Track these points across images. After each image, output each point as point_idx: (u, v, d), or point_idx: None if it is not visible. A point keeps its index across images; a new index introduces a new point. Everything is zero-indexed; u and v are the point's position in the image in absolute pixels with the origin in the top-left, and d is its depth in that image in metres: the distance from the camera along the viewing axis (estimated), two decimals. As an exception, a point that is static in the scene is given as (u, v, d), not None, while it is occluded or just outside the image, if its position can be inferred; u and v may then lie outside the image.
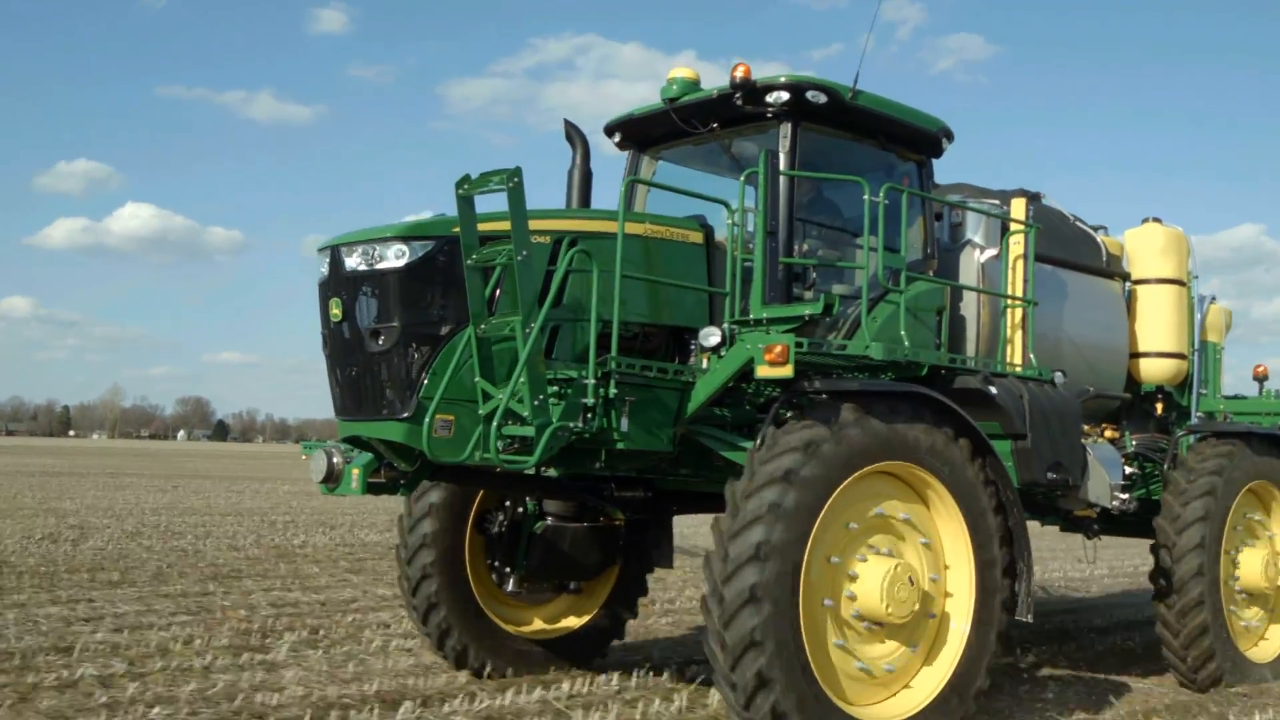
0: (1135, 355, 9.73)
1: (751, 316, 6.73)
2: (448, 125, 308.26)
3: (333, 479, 6.49)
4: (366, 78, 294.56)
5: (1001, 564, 6.69)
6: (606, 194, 8.56)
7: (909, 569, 6.29)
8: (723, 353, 6.51)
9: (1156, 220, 10.03)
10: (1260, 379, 10.86)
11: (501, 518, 8.01)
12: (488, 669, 7.93)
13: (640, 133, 8.20)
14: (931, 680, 6.49)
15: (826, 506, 5.94)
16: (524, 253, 5.80)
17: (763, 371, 6.07)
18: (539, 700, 7.24)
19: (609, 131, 8.33)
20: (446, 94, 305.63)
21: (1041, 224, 9.16)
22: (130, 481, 34.38)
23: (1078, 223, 9.80)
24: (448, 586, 7.79)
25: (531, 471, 7.30)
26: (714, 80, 7.61)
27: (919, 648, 6.51)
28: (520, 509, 8.04)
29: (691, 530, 15.71)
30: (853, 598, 6.18)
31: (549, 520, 7.88)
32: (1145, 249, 9.87)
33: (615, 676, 8.05)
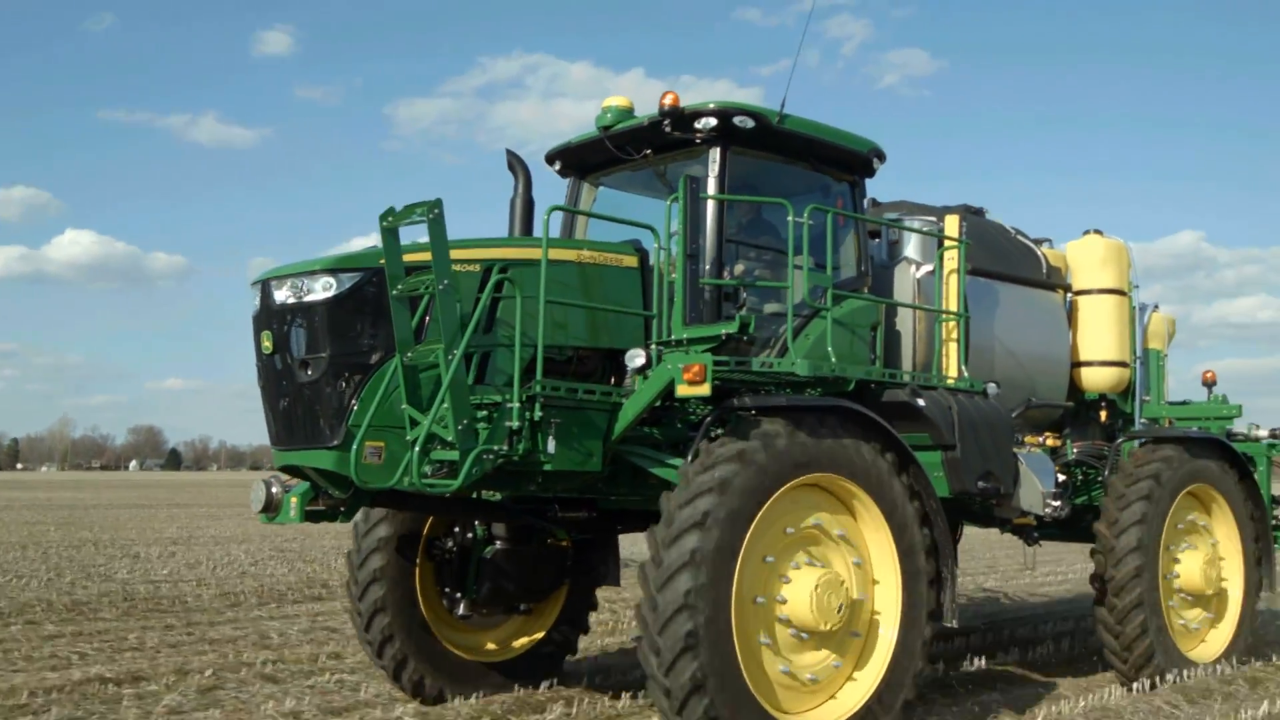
0: (1078, 364, 9.92)
1: (673, 337, 6.89)
2: (397, 145, 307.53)
3: (272, 508, 6.63)
4: (313, 99, 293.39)
5: (927, 574, 6.86)
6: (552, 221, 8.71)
7: (838, 578, 6.46)
8: (648, 374, 6.68)
9: (1097, 232, 10.24)
10: (1208, 384, 11.04)
11: (450, 544, 8.12)
12: (445, 694, 8.05)
13: (579, 160, 8.39)
14: (859, 689, 6.67)
15: (758, 516, 6.13)
16: (445, 282, 5.97)
17: (682, 390, 6.25)
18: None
19: (549, 160, 8.52)
20: (395, 114, 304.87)
21: (981, 239, 9.39)
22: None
23: (1019, 236, 10.00)
24: (400, 618, 7.88)
25: (471, 494, 7.50)
26: (655, 103, 7.78)
27: (847, 657, 6.67)
28: (469, 534, 8.16)
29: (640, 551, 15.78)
30: (784, 601, 6.35)
31: (497, 544, 8.00)
32: (1086, 260, 10.07)
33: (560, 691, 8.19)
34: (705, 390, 6.18)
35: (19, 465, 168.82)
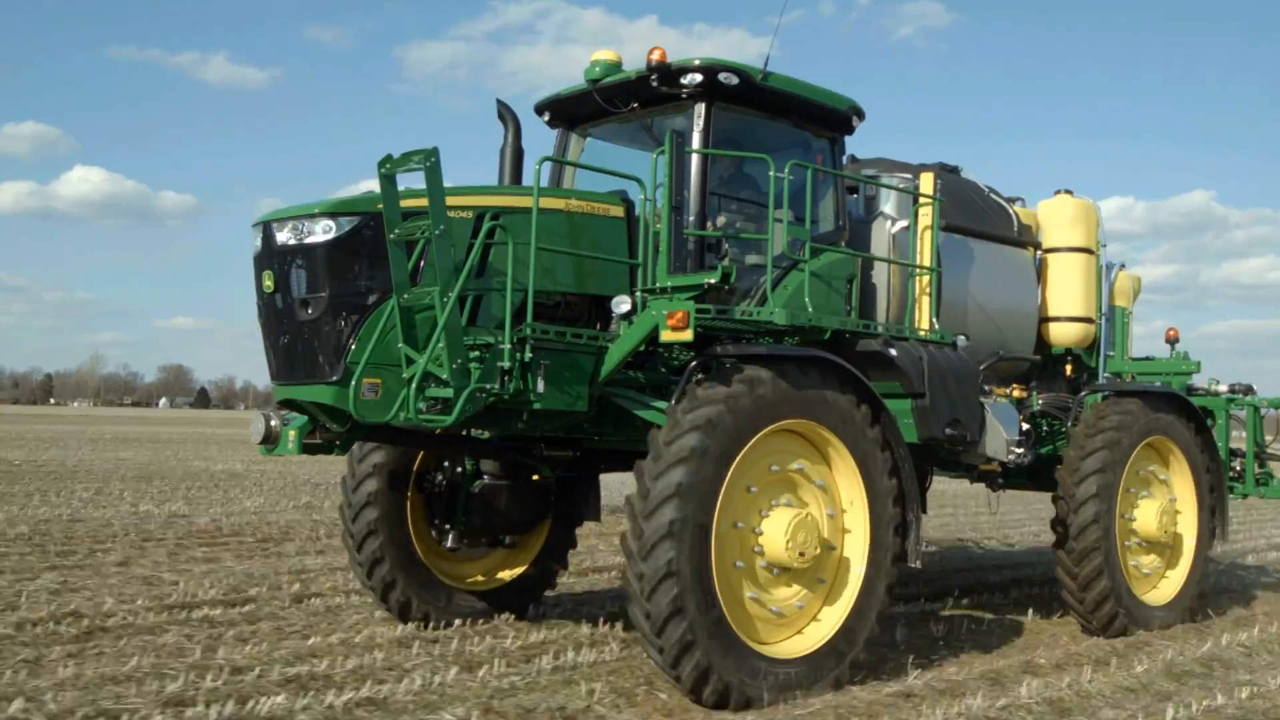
0: (1046, 320, 10.29)
1: (657, 285, 7.19)
2: (406, 89, 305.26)
3: (270, 440, 6.96)
4: (323, 40, 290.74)
5: (894, 520, 7.24)
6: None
7: (812, 521, 6.83)
8: (633, 319, 6.99)
9: (1068, 192, 10.56)
10: (1171, 342, 11.43)
11: (440, 478, 8.47)
12: (431, 618, 8.43)
13: (568, 112, 8.63)
14: (824, 627, 7.05)
15: (740, 455, 6.49)
16: (441, 227, 6.25)
17: (666, 335, 6.57)
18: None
19: (539, 111, 8.75)
20: (405, 57, 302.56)
21: (956, 196, 9.71)
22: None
23: (992, 194, 10.32)
24: (391, 543, 8.27)
25: (462, 432, 7.83)
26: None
27: (812, 597, 7.05)
28: (458, 469, 8.50)
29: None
30: (760, 534, 6.72)
31: (485, 479, 8.35)
32: (1056, 219, 10.41)
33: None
34: (688, 336, 6.50)
35: (51, 400, 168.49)
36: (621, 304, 6.99)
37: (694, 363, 6.91)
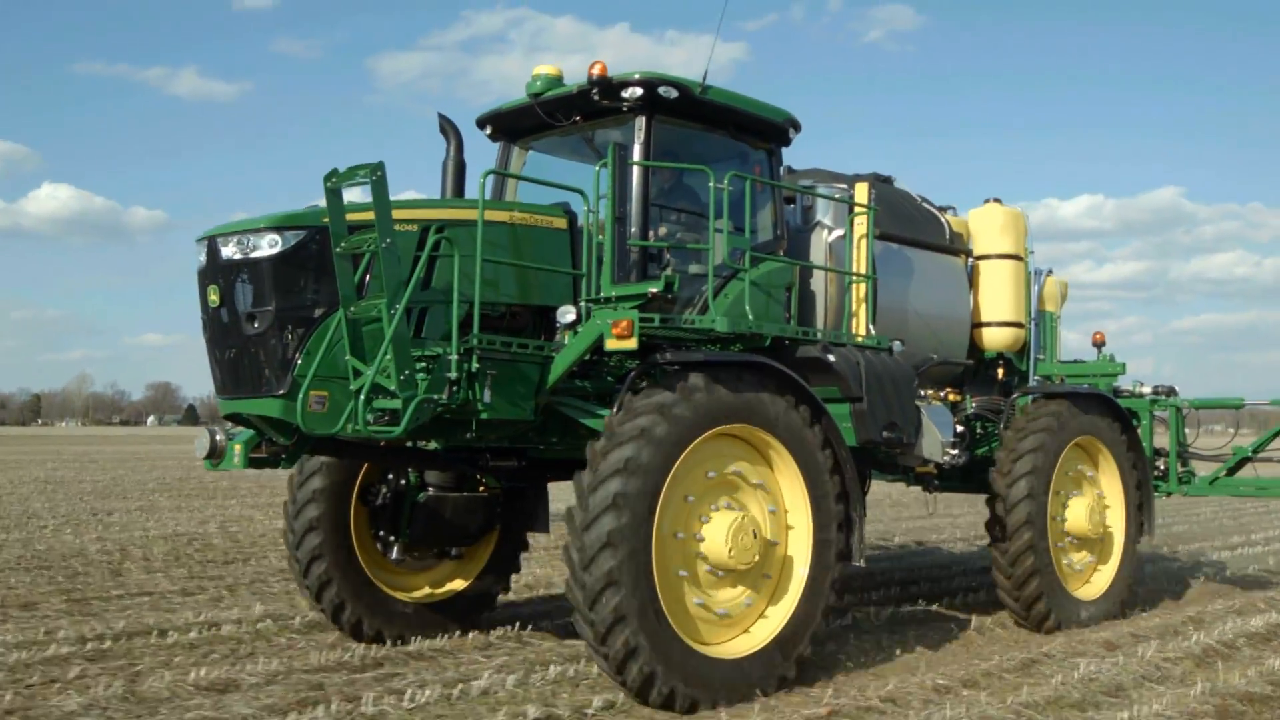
0: (978, 325, 10.59)
1: (601, 295, 7.32)
2: (378, 99, 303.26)
3: (216, 455, 6.96)
4: (294, 52, 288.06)
5: (837, 518, 7.42)
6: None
7: (753, 522, 6.98)
8: (578, 329, 7.10)
9: (997, 200, 10.88)
10: (1098, 345, 11.81)
11: (384, 490, 8.50)
12: (383, 635, 8.43)
13: (509, 125, 8.73)
14: (770, 625, 7.20)
15: (678, 463, 6.61)
16: (387, 240, 6.31)
17: (611, 344, 6.70)
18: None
19: (480, 124, 8.84)
20: (376, 68, 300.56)
21: (890, 206, 9.97)
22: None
23: (924, 204, 10.60)
24: (336, 564, 8.25)
25: (407, 443, 7.88)
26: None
27: (759, 595, 7.21)
28: (402, 481, 8.53)
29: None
30: (701, 540, 6.86)
31: (430, 491, 8.39)
32: (986, 227, 10.72)
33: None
34: (632, 344, 6.63)
35: (39, 420, 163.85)
36: (566, 314, 7.09)
37: (633, 372, 7.02)
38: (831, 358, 7.94)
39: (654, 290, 7.03)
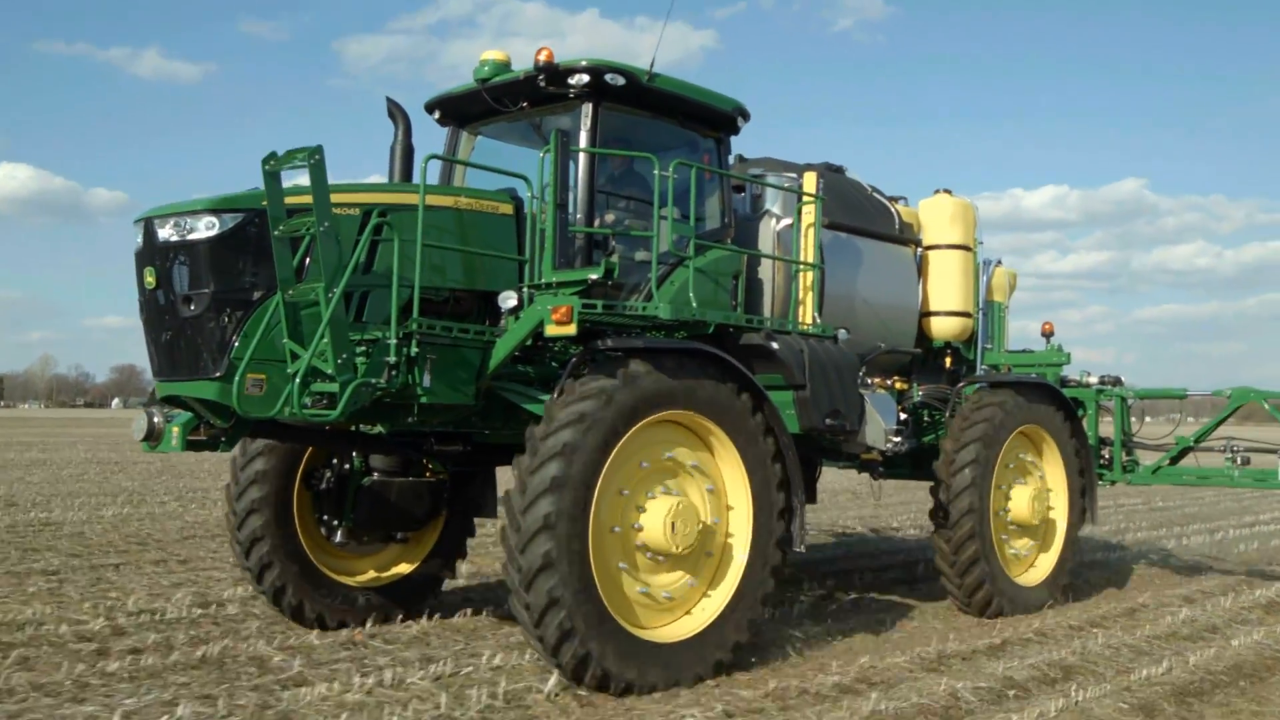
0: (926, 314, 10.69)
1: (543, 280, 7.33)
2: (345, 83, 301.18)
3: (153, 437, 6.91)
4: (259, 34, 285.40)
5: (778, 505, 7.48)
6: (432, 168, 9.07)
7: (691, 507, 7.03)
8: (520, 314, 7.12)
9: (947, 191, 10.98)
10: (1047, 335, 11.94)
11: (329, 474, 8.47)
12: (325, 618, 8.42)
13: (458, 110, 8.71)
14: (713, 604, 7.26)
15: (617, 448, 6.65)
16: (325, 224, 6.29)
17: (551, 330, 6.72)
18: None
19: (429, 109, 8.81)
20: (344, 51, 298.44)
21: (840, 196, 10.03)
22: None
23: (875, 194, 10.67)
24: (279, 547, 8.21)
25: (354, 428, 7.87)
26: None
27: (701, 575, 7.26)
28: (347, 465, 8.51)
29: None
30: (640, 529, 6.90)
31: (375, 475, 8.38)
32: (936, 217, 10.81)
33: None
34: (572, 330, 6.65)
35: (1, 401, 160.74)
36: (508, 299, 7.11)
37: (575, 358, 7.05)
38: (775, 345, 7.99)
39: (594, 276, 7.04)
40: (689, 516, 6.97)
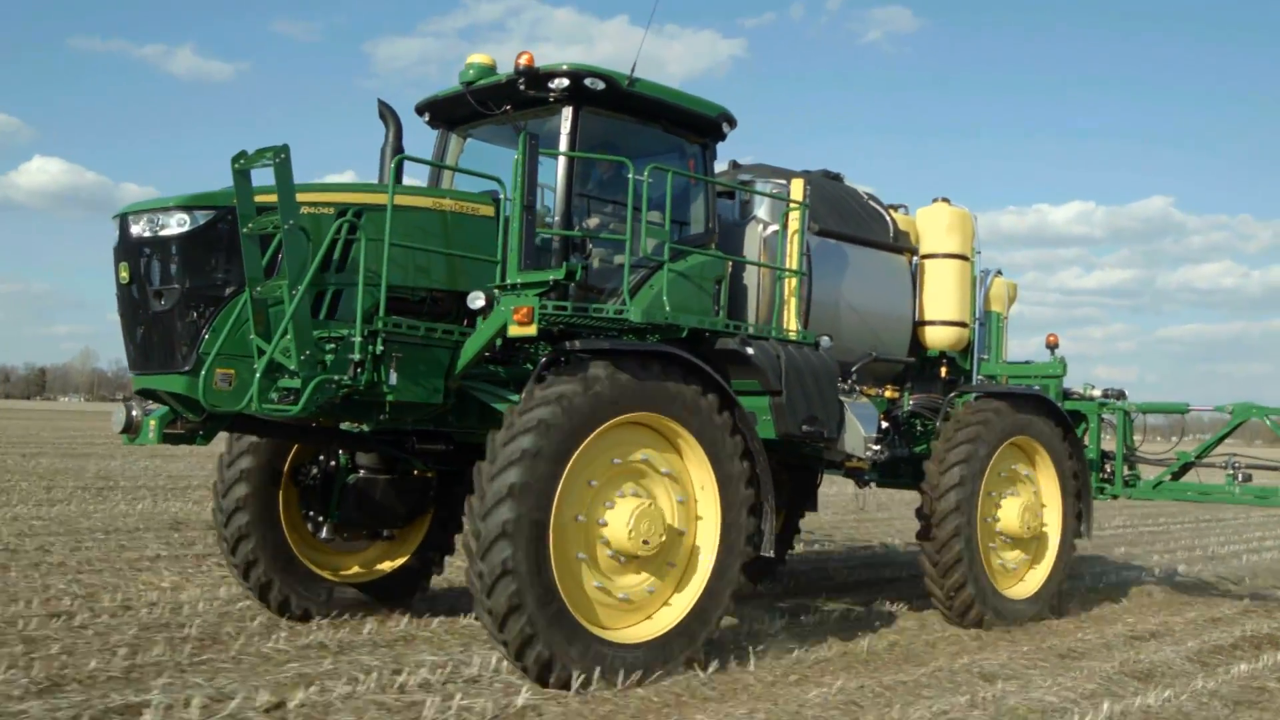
0: (921, 323, 10.64)
1: (508, 281, 7.42)
2: (375, 84, 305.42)
3: (132, 430, 7.12)
4: (292, 34, 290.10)
5: (746, 503, 7.50)
6: (421, 170, 9.22)
7: (657, 509, 7.08)
8: (485, 315, 7.21)
9: (945, 200, 10.94)
10: (1051, 347, 11.83)
11: (314, 471, 8.63)
12: (311, 613, 8.57)
13: (446, 113, 8.84)
14: (678, 607, 7.30)
15: (578, 452, 6.70)
16: (290, 222, 6.43)
17: (513, 330, 6.80)
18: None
19: (419, 111, 8.95)
20: (374, 52, 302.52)
21: (833, 203, 10.06)
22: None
23: (871, 201, 10.66)
24: (265, 543, 8.38)
25: (338, 425, 8.01)
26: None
27: (663, 583, 7.30)
28: (332, 463, 8.67)
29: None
30: (604, 524, 6.95)
31: (360, 473, 8.52)
32: (932, 226, 10.77)
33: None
34: (532, 330, 6.73)
35: (43, 395, 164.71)
36: (476, 299, 7.21)
37: (543, 360, 7.12)
38: (750, 350, 8.00)
39: (555, 278, 7.11)
40: (654, 519, 7.01)
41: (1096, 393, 11.57)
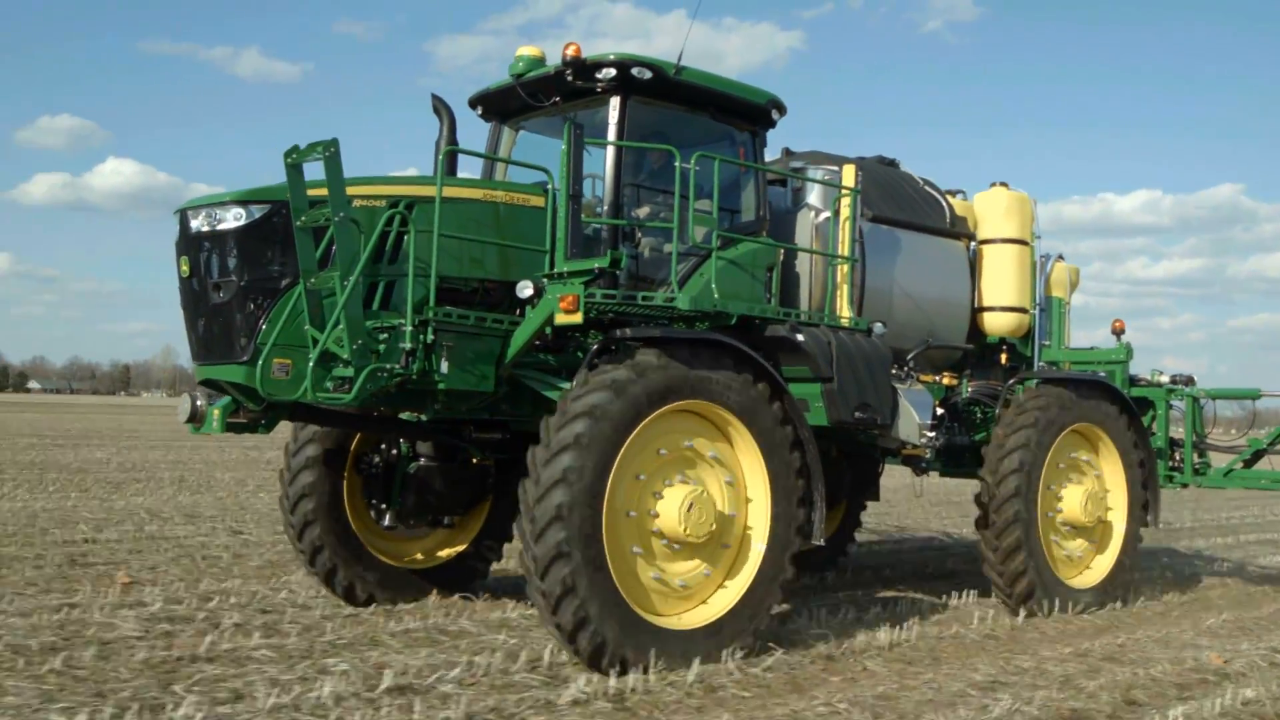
0: (980, 309, 10.52)
1: (555, 270, 7.50)
2: (436, 82, 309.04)
3: (196, 419, 7.34)
4: (354, 34, 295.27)
5: (797, 494, 7.50)
6: (475, 162, 9.34)
7: (708, 496, 7.11)
8: (534, 304, 7.31)
9: (1003, 185, 10.79)
10: (1118, 333, 11.61)
11: (377, 459, 8.81)
12: (374, 600, 8.76)
13: (498, 106, 8.96)
14: (729, 594, 7.32)
15: (630, 438, 6.76)
16: (340, 214, 6.59)
17: (559, 319, 6.88)
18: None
19: (472, 104, 9.08)
20: (435, 51, 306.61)
21: (889, 189, 9.99)
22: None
23: (927, 187, 10.56)
24: (329, 530, 8.59)
25: (397, 414, 8.17)
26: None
27: (718, 566, 7.33)
28: (394, 451, 8.84)
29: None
30: (656, 515, 7.00)
31: (421, 461, 8.68)
32: (990, 211, 10.63)
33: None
34: (578, 319, 6.80)
35: (127, 390, 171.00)
36: (525, 289, 7.29)
37: (595, 347, 7.19)
38: (800, 337, 7.99)
39: (600, 266, 7.17)
40: (705, 505, 7.04)
41: (1164, 379, 11.33)
